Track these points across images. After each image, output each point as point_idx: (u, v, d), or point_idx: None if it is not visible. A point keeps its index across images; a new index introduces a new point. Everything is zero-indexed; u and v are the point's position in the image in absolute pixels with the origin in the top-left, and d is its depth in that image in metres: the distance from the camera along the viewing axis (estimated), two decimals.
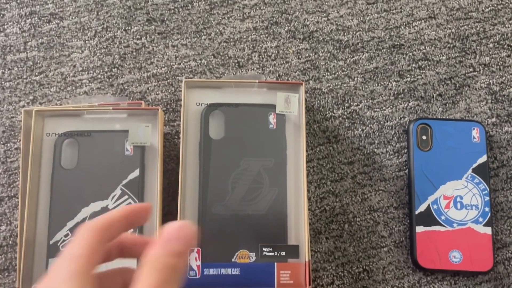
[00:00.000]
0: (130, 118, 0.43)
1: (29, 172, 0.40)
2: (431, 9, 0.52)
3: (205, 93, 0.43)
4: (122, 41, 0.50)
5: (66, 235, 0.40)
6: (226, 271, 0.39)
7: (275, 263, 0.39)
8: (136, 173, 0.41)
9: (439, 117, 0.48)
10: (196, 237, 0.26)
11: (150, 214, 0.28)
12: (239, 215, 0.40)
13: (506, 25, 0.51)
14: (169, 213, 0.45)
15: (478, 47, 0.51)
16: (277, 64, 0.49)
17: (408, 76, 0.50)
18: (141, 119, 0.43)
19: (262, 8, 0.51)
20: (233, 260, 0.39)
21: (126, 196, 0.41)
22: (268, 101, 0.44)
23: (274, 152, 0.42)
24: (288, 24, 0.51)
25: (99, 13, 0.50)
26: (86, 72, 0.49)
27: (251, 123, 0.43)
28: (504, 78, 0.50)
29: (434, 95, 0.49)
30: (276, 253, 0.40)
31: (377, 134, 0.48)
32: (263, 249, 0.40)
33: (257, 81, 0.43)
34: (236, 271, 0.39)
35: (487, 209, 0.45)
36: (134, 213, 0.27)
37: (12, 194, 0.45)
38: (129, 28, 0.50)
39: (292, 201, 0.42)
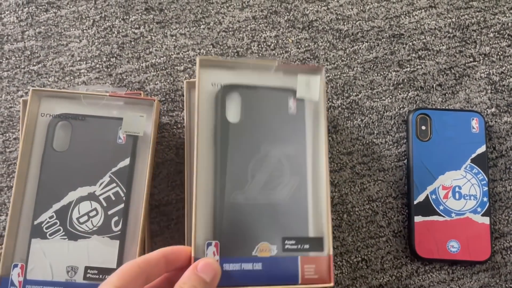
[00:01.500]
0: (126, 106, 0.42)
1: (20, 150, 0.40)
2: None
3: (219, 73, 0.39)
4: (121, 31, 0.49)
5: (50, 217, 0.40)
6: (247, 266, 0.36)
7: (299, 256, 0.36)
8: (126, 162, 0.41)
9: (439, 107, 0.48)
10: (220, 275, 0.33)
11: (189, 255, 0.34)
12: (260, 204, 0.37)
13: (507, 15, 0.51)
14: (168, 203, 0.45)
15: (478, 37, 0.50)
16: (276, 54, 0.49)
17: (408, 66, 0.49)
18: (136, 108, 0.43)
19: None
20: (253, 253, 0.36)
21: (114, 184, 0.41)
22: (285, 85, 0.40)
23: (294, 138, 0.39)
24: (287, 13, 0.50)
25: (96, 2, 0.50)
26: (84, 62, 0.48)
27: (270, 107, 0.39)
28: (504, 68, 0.50)
29: (434, 85, 0.49)
30: (299, 246, 0.37)
31: (376, 124, 0.48)
32: (286, 241, 0.37)
33: (276, 63, 0.40)
34: (258, 266, 0.36)
35: (485, 199, 0.45)
36: (173, 254, 0.33)
37: (11, 184, 0.45)
38: (127, 17, 0.50)
39: (311, 191, 0.38)
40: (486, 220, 0.44)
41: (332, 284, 0.35)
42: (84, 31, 0.49)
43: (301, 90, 0.40)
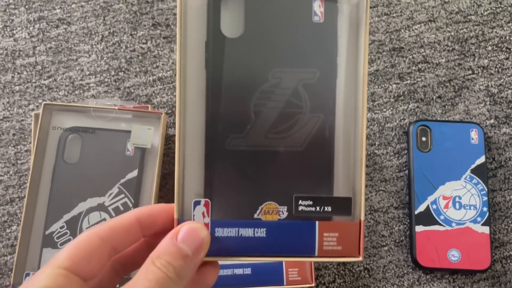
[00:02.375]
0: (135, 119, 0.44)
1: (32, 162, 0.41)
2: (431, 12, 0.53)
3: None
4: (128, 45, 0.51)
5: (61, 227, 0.41)
6: (247, 232, 0.28)
7: (317, 222, 0.28)
8: (135, 173, 0.42)
9: (439, 118, 0.49)
10: (208, 246, 0.25)
11: (171, 217, 0.26)
12: (265, 152, 0.28)
13: (505, 28, 0.52)
14: None
15: (477, 50, 0.52)
16: None
17: (408, 78, 0.51)
18: (144, 121, 0.44)
19: None
20: (255, 216, 0.28)
21: (123, 195, 0.42)
22: None
23: (319, 59, 0.28)
24: None
25: (105, 18, 0.52)
26: (93, 76, 0.50)
27: (285, 14, 0.28)
28: (502, 80, 0.51)
29: (434, 97, 0.50)
30: (318, 208, 0.28)
31: (377, 135, 0.49)
32: (300, 202, 0.28)
33: None
34: (261, 233, 0.28)
35: (485, 209, 0.46)
36: (150, 217, 0.25)
37: (22, 195, 0.47)
38: (135, 32, 0.51)
39: (341, 135, 0.28)
40: (486, 230, 0.45)
41: (361, 259, 0.27)
42: (93, 46, 0.51)
43: None
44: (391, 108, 0.50)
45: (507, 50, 0.52)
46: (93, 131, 0.43)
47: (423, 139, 0.48)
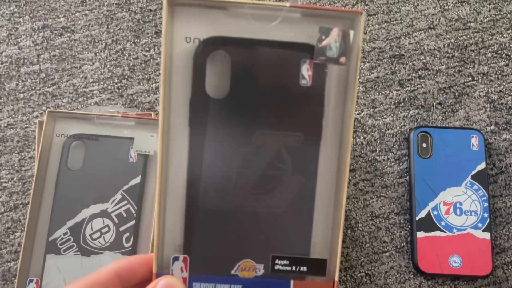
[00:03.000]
0: (137, 126, 0.44)
1: (36, 169, 0.42)
2: (431, 20, 0.53)
3: (198, 22, 0.26)
4: (131, 53, 0.52)
5: (65, 233, 0.42)
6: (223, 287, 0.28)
7: (292, 281, 0.28)
8: (137, 180, 0.43)
9: (439, 125, 0.50)
10: None
11: (150, 270, 0.26)
12: (246, 213, 0.28)
13: (504, 35, 0.53)
14: None
15: (476, 57, 0.52)
16: None
17: (409, 85, 0.51)
18: (147, 128, 0.44)
19: None
20: (232, 272, 0.28)
21: (126, 201, 0.42)
22: (297, 39, 0.26)
23: (304, 123, 0.28)
24: None
25: (109, 26, 0.52)
26: (96, 83, 0.51)
27: (274, 75, 0.27)
28: (502, 86, 0.51)
29: (434, 103, 0.51)
30: (294, 268, 0.29)
31: (378, 142, 0.50)
32: (277, 261, 0.29)
33: (288, 4, 0.26)
34: None
35: (486, 215, 0.46)
36: (129, 272, 0.26)
37: (26, 201, 0.47)
38: (138, 40, 0.52)
39: (321, 197, 0.28)
40: (487, 236, 0.45)
41: None
42: (97, 54, 0.51)
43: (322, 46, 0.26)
44: (392, 115, 0.50)
45: (507, 57, 0.52)
46: (97, 138, 0.44)
47: (424, 145, 0.48)
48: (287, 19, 0.26)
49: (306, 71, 0.27)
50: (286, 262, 0.29)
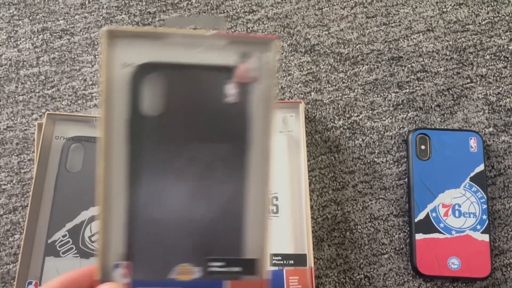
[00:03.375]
0: None
1: (35, 171, 0.42)
2: (429, 22, 0.53)
3: (138, 47, 0.29)
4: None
5: (64, 236, 0.42)
6: None
7: (223, 282, 0.31)
8: None
9: (437, 127, 0.50)
10: None
11: (95, 279, 0.28)
12: (182, 219, 0.32)
13: (503, 37, 0.53)
14: None
15: (475, 59, 0.52)
16: (279, 77, 0.51)
17: (407, 87, 0.51)
18: None
19: (265, 22, 0.53)
20: (171, 276, 0.31)
21: None
22: (222, 62, 0.30)
23: (232, 135, 0.32)
24: (290, 38, 0.53)
25: None
26: (96, 86, 0.51)
27: (202, 93, 0.31)
28: (500, 89, 0.51)
29: (433, 105, 0.51)
30: (228, 269, 0.32)
31: (377, 144, 0.50)
32: (211, 263, 0.32)
33: (213, 33, 0.29)
34: None
35: (484, 216, 0.46)
36: (76, 283, 0.28)
37: (25, 203, 0.47)
38: None
39: (252, 202, 0.32)
40: (486, 238, 0.45)
41: None
42: (96, 56, 0.52)
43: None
44: (390, 117, 0.50)
45: (505, 59, 0.52)
46: (95, 140, 0.44)
47: (422, 147, 0.48)
48: (212, 45, 0.30)
49: (230, 89, 0.31)
50: (221, 263, 0.31)
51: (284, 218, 0.44)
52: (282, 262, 0.42)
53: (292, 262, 0.42)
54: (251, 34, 0.45)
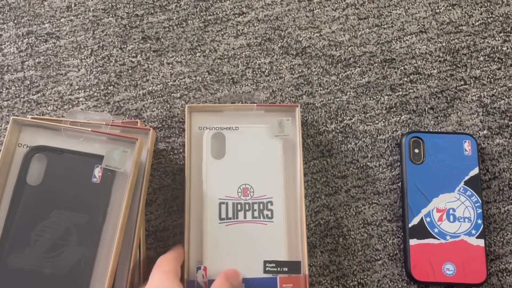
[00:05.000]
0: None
1: None
2: (422, 23, 0.52)
3: (36, 135, 0.42)
4: (118, 59, 0.51)
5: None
6: None
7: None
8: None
9: (431, 130, 0.49)
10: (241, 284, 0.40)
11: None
12: (36, 271, 0.39)
13: (496, 38, 0.52)
14: (164, 229, 0.46)
15: (468, 61, 0.51)
16: (270, 80, 0.50)
17: (400, 90, 0.50)
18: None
19: (255, 25, 0.52)
20: None
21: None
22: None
23: (92, 208, 0.40)
24: (281, 40, 0.52)
25: (95, 32, 0.51)
26: (82, 91, 0.49)
27: (74, 173, 0.41)
28: (495, 90, 0.50)
29: (426, 108, 0.50)
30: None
31: (370, 147, 0.49)
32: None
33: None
34: None
35: (479, 221, 0.45)
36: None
37: None
38: (125, 46, 0.51)
39: (99, 265, 0.39)
40: (481, 243, 0.45)
41: None
42: (83, 60, 0.50)
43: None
44: (383, 120, 0.49)
45: (499, 60, 0.51)
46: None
47: (416, 151, 0.47)
48: (89, 138, 0.42)
49: (98, 173, 0.41)
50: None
51: (278, 224, 0.43)
52: (275, 269, 0.41)
53: (286, 269, 0.41)
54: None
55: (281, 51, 0.51)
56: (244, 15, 0.52)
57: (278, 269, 0.41)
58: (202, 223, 0.42)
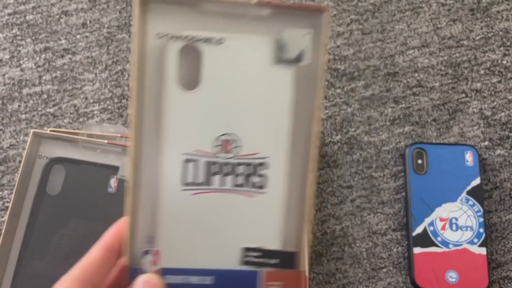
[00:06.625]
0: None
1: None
2: (424, 38, 0.54)
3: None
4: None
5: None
6: None
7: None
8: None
9: (434, 141, 0.51)
10: None
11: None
12: (55, 277, 0.34)
13: (496, 52, 0.54)
14: None
15: (469, 74, 0.53)
16: None
17: (403, 102, 0.52)
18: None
19: None
20: None
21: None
22: (108, 163, 0.44)
23: (109, 217, 0.36)
24: None
25: (109, 48, 0.54)
26: (97, 104, 0.52)
27: (90, 183, 0.43)
28: (495, 103, 0.52)
29: (429, 120, 0.51)
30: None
31: (374, 158, 0.50)
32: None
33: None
34: None
35: (481, 230, 0.46)
36: (115, 239, 0.27)
37: None
38: None
39: None
40: (483, 251, 0.46)
41: None
42: (97, 75, 0.53)
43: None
44: (387, 131, 0.51)
45: (500, 73, 0.53)
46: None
47: (419, 161, 0.49)
48: (105, 150, 0.46)
49: (113, 183, 0.43)
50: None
51: (273, 197, 0.27)
52: (259, 260, 0.27)
53: (275, 261, 0.27)
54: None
55: None
56: None
57: (264, 260, 0.28)
58: (157, 188, 0.27)
